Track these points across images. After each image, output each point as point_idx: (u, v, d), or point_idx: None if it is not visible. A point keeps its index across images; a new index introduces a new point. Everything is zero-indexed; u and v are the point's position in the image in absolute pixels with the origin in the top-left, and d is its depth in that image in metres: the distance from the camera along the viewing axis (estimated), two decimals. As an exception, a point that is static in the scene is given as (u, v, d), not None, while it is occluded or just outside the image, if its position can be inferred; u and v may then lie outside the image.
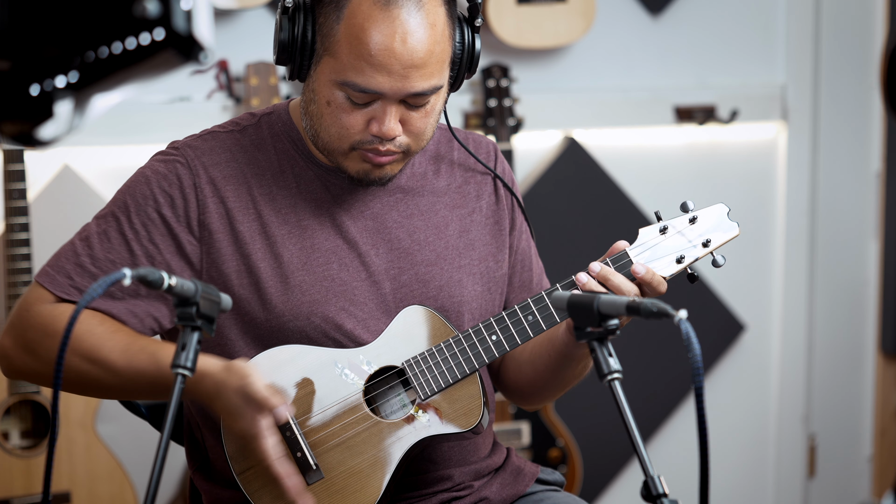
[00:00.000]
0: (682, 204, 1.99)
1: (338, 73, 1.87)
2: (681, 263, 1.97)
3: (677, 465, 3.23)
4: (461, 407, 1.96)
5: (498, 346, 1.95)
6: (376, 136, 1.89)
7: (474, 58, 1.97)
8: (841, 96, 3.91)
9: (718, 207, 2.01)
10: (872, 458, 4.02)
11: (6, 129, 1.17)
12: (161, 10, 1.12)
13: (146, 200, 1.94)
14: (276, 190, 1.99)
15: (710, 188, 3.81)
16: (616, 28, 3.68)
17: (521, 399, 2.17)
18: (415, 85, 1.87)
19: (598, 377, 1.65)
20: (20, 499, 3.03)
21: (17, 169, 2.95)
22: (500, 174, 2.11)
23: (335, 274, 1.98)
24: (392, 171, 1.95)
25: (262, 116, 2.04)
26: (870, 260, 3.98)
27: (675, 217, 1.99)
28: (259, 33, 3.31)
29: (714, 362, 3.87)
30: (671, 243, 1.98)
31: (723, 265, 1.95)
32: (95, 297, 1.50)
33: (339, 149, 1.92)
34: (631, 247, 1.97)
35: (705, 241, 1.98)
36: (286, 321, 1.95)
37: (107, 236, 1.94)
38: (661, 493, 1.59)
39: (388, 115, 1.88)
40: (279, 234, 1.97)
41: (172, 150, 1.99)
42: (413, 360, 1.95)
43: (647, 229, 1.99)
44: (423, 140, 1.94)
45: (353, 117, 1.89)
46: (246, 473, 1.91)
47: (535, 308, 1.95)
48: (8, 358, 1.96)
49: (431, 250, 2.04)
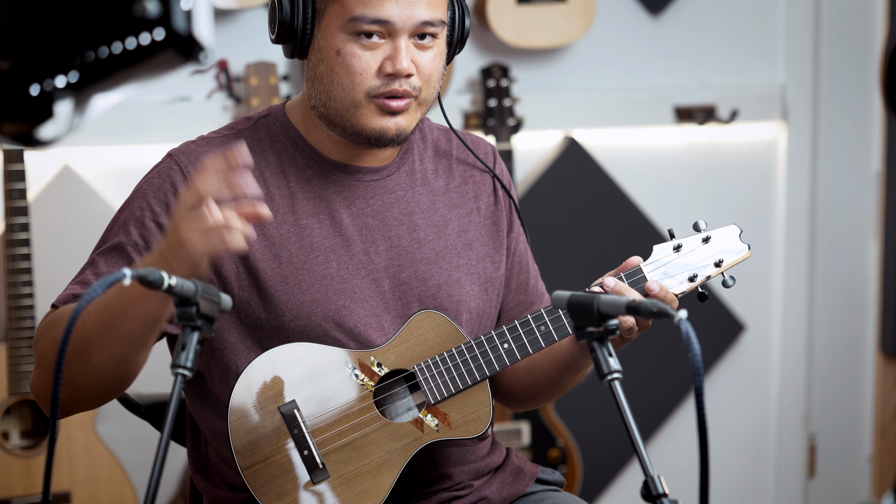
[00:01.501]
0: (694, 224, 2.02)
1: (345, 12, 1.89)
2: (693, 282, 2.00)
3: (677, 465, 3.23)
4: (469, 413, 1.96)
5: (510, 355, 1.96)
6: (390, 77, 1.90)
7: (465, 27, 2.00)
8: (841, 96, 3.91)
9: (731, 228, 2.04)
10: (872, 458, 4.02)
11: (6, 129, 1.17)
12: (161, 10, 1.12)
13: (143, 213, 1.94)
14: (273, 190, 1.99)
15: (710, 188, 3.81)
16: (616, 28, 3.68)
17: (515, 403, 2.18)
18: (422, 13, 1.90)
19: (598, 377, 1.65)
20: (20, 499, 3.03)
21: (17, 169, 2.95)
22: (498, 175, 2.12)
23: (335, 272, 1.98)
24: (408, 125, 1.94)
25: (258, 119, 2.04)
26: (870, 260, 3.98)
27: (689, 236, 2.02)
28: (259, 33, 3.31)
29: (714, 362, 3.87)
30: (684, 261, 2.01)
31: (732, 286, 1.98)
32: (96, 297, 1.50)
33: (353, 101, 1.92)
34: (645, 263, 1.99)
35: (717, 261, 2.01)
36: (286, 321, 1.95)
37: (109, 254, 1.94)
38: (661, 493, 1.59)
39: (400, 51, 1.90)
40: (277, 235, 1.97)
41: (166, 159, 1.99)
42: (425, 365, 1.96)
43: (661, 246, 2.01)
44: (431, 87, 1.95)
45: (364, 61, 1.90)
46: (252, 469, 1.91)
47: (547, 319, 1.97)
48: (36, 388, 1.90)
49: (431, 248, 2.04)
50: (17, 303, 2.97)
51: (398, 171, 2.05)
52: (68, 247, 3.19)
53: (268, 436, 1.92)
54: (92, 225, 3.20)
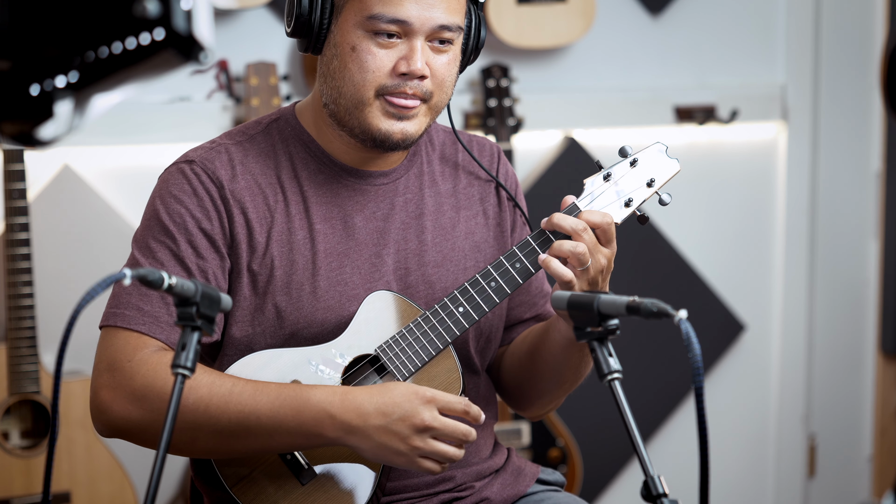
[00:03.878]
0: (620, 149, 2.02)
1: (364, 9, 1.89)
2: (630, 206, 2.00)
3: (677, 465, 3.23)
4: (440, 383, 1.96)
5: (466, 317, 1.95)
6: (404, 76, 1.90)
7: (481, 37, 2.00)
8: (841, 96, 3.91)
9: (656, 146, 2.04)
10: (872, 458, 4.02)
11: (6, 129, 1.17)
12: (161, 10, 1.12)
13: (183, 218, 1.93)
14: (289, 196, 1.99)
15: (710, 188, 3.81)
16: (616, 28, 3.68)
17: (521, 398, 2.16)
18: (440, 16, 1.89)
19: (598, 377, 1.65)
20: (20, 499, 3.03)
21: (17, 169, 2.95)
22: (503, 177, 2.12)
23: (348, 278, 1.98)
24: (415, 131, 1.94)
25: (269, 123, 2.03)
26: (870, 260, 3.98)
27: (616, 163, 2.01)
28: (259, 33, 3.31)
29: (714, 362, 3.87)
30: (617, 189, 2.00)
31: (669, 203, 1.98)
32: (96, 296, 1.49)
33: (362, 98, 1.91)
34: (579, 199, 1.99)
35: (649, 180, 2.01)
36: (301, 328, 1.95)
37: (158, 261, 1.92)
38: (661, 493, 1.59)
39: (416, 52, 1.89)
40: (294, 241, 1.97)
41: (192, 164, 1.97)
42: (385, 345, 1.95)
43: (591, 179, 2.01)
44: (443, 93, 1.95)
45: (378, 59, 1.90)
46: (240, 485, 1.91)
47: (495, 273, 1.96)
48: (110, 412, 1.88)
49: (438, 252, 2.04)
50: (17, 303, 2.97)
51: (407, 174, 2.05)
52: (68, 247, 3.19)
53: None
54: (92, 225, 3.20)
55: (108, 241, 3.20)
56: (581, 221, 1.92)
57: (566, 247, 1.91)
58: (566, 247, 1.91)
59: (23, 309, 2.97)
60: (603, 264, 1.93)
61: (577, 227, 1.91)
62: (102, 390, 1.88)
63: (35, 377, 3.00)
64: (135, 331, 1.89)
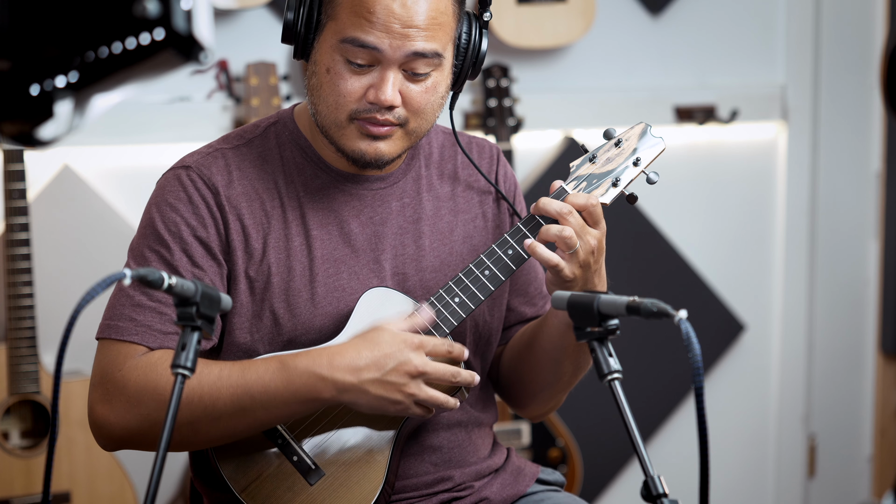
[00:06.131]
0: (605, 132, 2.02)
1: (339, 32, 1.87)
2: (617, 186, 1.99)
3: (677, 465, 3.23)
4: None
5: (462, 307, 1.95)
6: (373, 104, 1.88)
7: (479, 54, 1.98)
8: (841, 96, 3.91)
9: (640, 126, 2.03)
10: (872, 458, 4.02)
11: (6, 129, 1.17)
12: (161, 10, 1.12)
13: (178, 227, 1.93)
14: (286, 202, 1.98)
15: (710, 188, 3.81)
16: (616, 28, 3.68)
17: (521, 394, 2.15)
18: (413, 45, 1.86)
19: (598, 377, 1.65)
20: (20, 499, 3.03)
21: (17, 169, 2.95)
22: (501, 179, 2.12)
23: (345, 284, 1.98)
24: (390, 152, 1.93)
25: (267, 127, 2.03)
26: (870, 260, 3.98)
27: (601, 145, 2.02)
28: (259, 33, 3.31)
29: (714, 362, 3.87)
30: (604, 169, 2.00)
31: (657, 181, 1.97)
32: (96, 296, 1.50)
33: (336, 120, 1.91)
34: (566, 182, 1.99)
35: (635, 160, 2.01)
36: (299, 335, 1.95)
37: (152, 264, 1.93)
38: (661, 493, 1.59)
39: (385, 82, 1.87)
40: (291, 248, 1.97)
41: (188, 170, 1.97)
42: None
43: (576, 162, 2.01)
44: (423, 119, 1.93)
45: (350, 83, 1.88)
46: (248, 490, 1.92)
47: (489, 262, 1.96)
48: (108, 425, 1.89)
49: (436, 256, 2.04)
50: (17, 303, 2.97)
51: (405, 178, 2.05)
52: (68, 247, 3.19)
53: (254, 454, 1.93)
54: (92, 225, 3.20)
55: (108, 241, 3.20)
56: (566, 205, 1.92)
57: (553, 231, 1.91)
58: (553, 231, 1.91)
59: (23, 309, 2.97)
60: (593, 245, 1.92)
61: (563, 211, 1.91)
62: (97, 406, 1.90)
63: (35, 377, 3.00)
64: (126, 341, 1.90)
